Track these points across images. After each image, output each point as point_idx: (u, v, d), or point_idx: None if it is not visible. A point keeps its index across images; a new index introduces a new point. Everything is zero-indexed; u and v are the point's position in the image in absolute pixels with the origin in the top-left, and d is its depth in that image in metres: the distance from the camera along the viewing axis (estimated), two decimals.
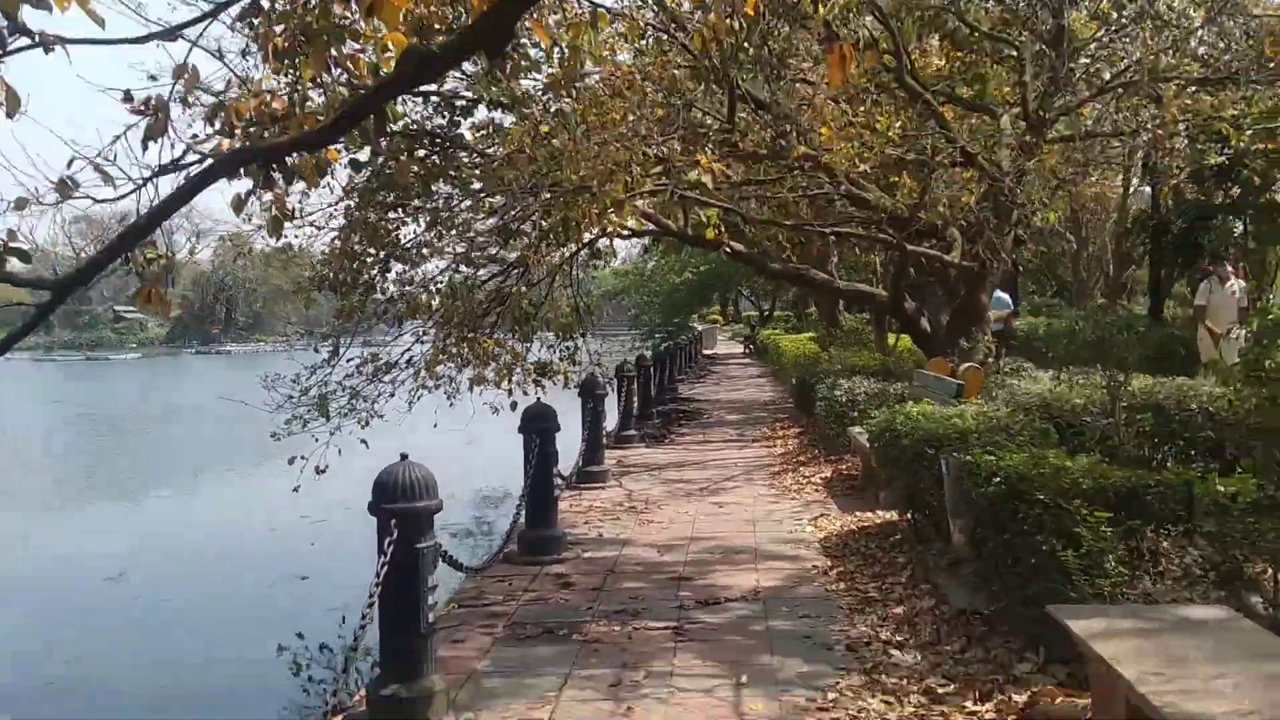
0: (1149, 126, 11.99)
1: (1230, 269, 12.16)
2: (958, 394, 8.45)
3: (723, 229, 11.92)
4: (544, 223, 10.50)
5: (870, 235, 12.19)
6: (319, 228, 11.51)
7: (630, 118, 9.99)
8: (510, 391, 11.15)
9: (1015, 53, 12.70)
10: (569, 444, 10.63)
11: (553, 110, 11.07)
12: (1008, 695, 4.03)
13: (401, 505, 4.23)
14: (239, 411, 10.11)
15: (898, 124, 10.85)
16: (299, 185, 10.84)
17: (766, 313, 46.83)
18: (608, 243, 12.84)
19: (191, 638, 8.90)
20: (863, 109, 11.22)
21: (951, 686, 4.22)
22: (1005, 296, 22.34)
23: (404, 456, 4.44)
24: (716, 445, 13.33)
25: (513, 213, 11.44)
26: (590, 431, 10.48)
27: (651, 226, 13.76)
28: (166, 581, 10.96)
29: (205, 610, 9.82)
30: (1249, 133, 13.06)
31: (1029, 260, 28.10)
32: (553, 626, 5.56)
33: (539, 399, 9.84)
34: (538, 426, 7.45)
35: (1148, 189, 18.93)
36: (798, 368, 19.83)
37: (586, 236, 11.44)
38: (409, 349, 12.24)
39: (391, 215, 11.56)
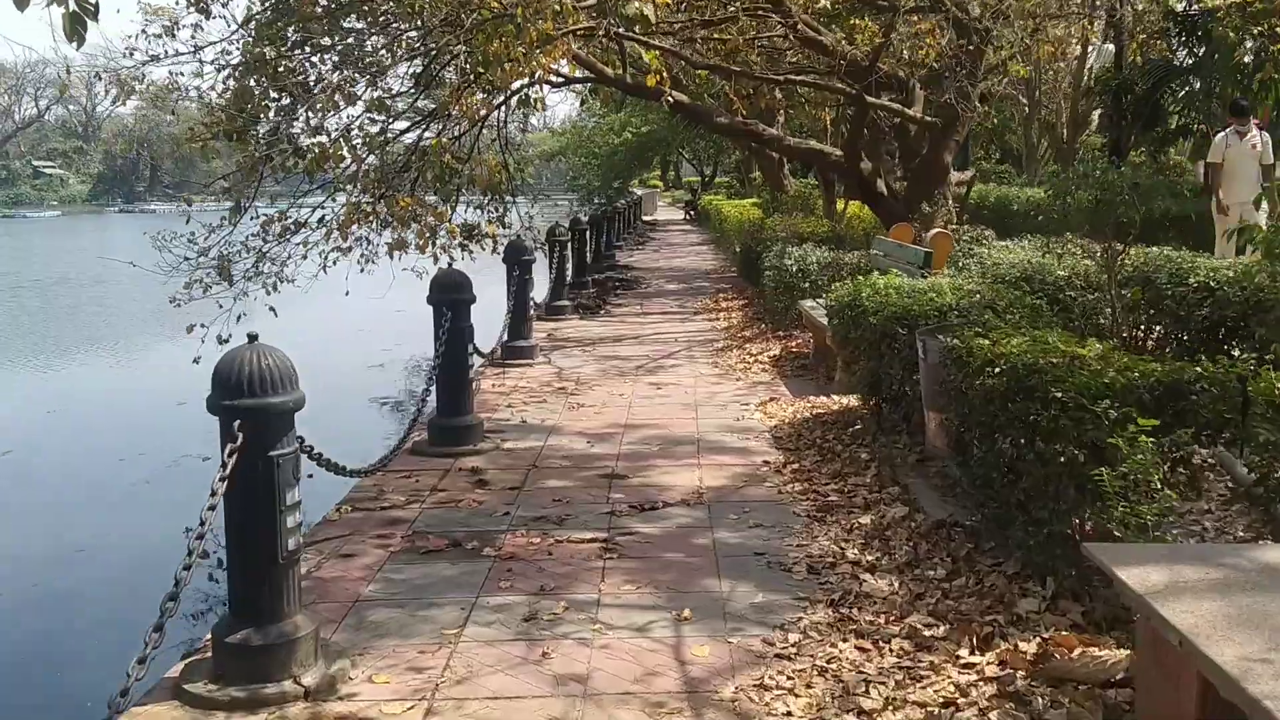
0: None
1: (1253, 121, 10.74)
2: (924, 263, 7.58)
3: (664, 76, 10.78)
4: (465, 65, 9.31)
5: (826, 85, 11.10)
6: (204, 62, 10.19)
7: None
8: (435, 257, 10.11)
9: None
10: (495, 316, 9.65)
11: None
12: (1012, 643, 3.24)
13: (248, 401, 3.26)
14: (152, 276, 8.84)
15: None
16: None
17: (708, 178, 45.53)
18: (538, 90, 11.61)
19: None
20: None
21: (941, 628, 3.43)
22: None
23: (253, 338, 3.45)
24: (656, 318, 12.42)
25: (430, 49, 10.25)
26: (516, 302, 9.48)
27: (586, 73, 12.52)
28: None
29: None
30: None
31: (978, 124, 27.21)
32: (460, 538, 4.69)
33: (458, 263, 8.85)
34: (449, 298, 6.44)
35: (1110, 46, 17.92)
36: (741, 235, 18.89)
37: (514, 83, 10.22)
38: (319, 206, 11.17)
39: (296, 53, 10.23)
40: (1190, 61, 16.21)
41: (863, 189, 12.09)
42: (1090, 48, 20.22)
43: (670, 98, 11.46)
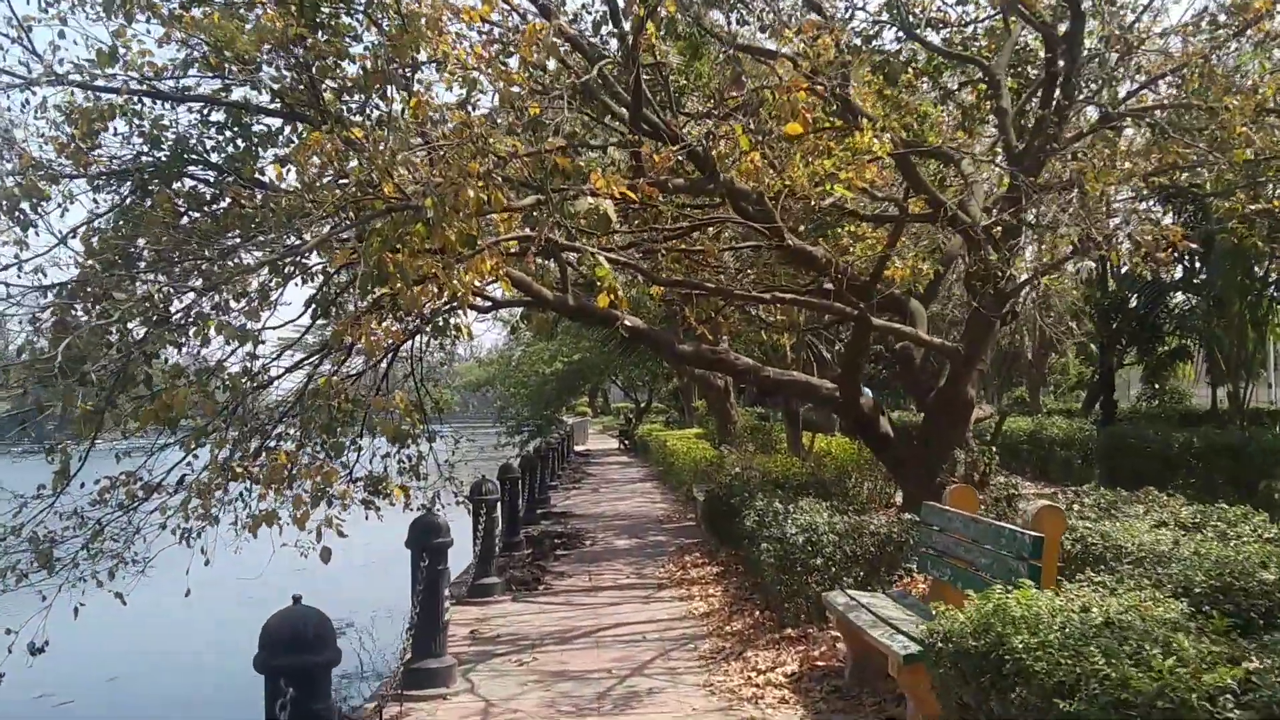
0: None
1: None
2: (1033, 553, 5.11)
3: (618, 296, 8.55)
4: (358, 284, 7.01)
5: (823, 305, 8.94)
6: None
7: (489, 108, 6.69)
8: (319, 532, 7.47)
9: (983, 76, 9.88)
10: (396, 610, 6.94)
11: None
12: None
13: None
14: None
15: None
16: None
17: (644, 404, 43.59)
18: (461, 317, 9.33)
19: None
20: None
21: None
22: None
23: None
24: (610, 595, 9.69)
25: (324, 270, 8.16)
26: (423, 608, 6.71)
27: (519, 294, 10.31)
28: None
29: None
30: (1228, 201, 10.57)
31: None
32: None
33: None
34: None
35: (1089, 263, 16.55)
36: (696, 475, 16.44)
37: (427, 305, 7.90)
38: (180, 463, 8.73)
39: (150, 276, 7.93)
40: (1182, 276, 14.84)
41: (862, 429, 9.80)
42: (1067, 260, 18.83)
43: (625, 324, 9.25)
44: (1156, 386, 16.96)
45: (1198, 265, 14.44)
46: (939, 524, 6.48)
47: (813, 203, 7.30)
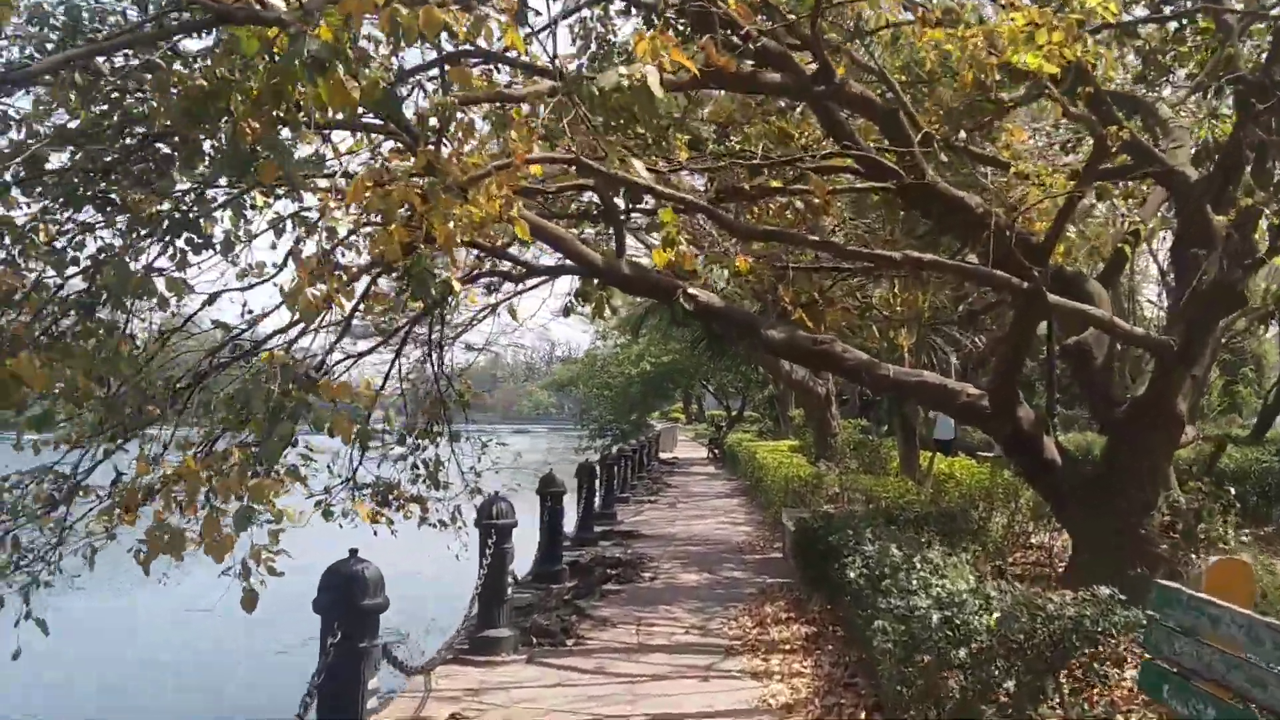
0: None
1: None
2: None
3: (681, 253, 6.09)
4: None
5: (982, 272, 6.27)
6: None
7: None
8: (246, 570, 5.45)
9: None
10: None
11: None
12: None
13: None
14: None
15: None
16: None
17: (735, 413, 40.87)
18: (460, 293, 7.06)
19: None
20: None
21: None
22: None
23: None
24: (659, 661, 7.17)
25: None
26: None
27: (561, 260, 7.91)
28: None
29: None
30: None
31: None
32: None
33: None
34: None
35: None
36: (787, 495, 13.80)
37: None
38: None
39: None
40: None
41: (1019, 449, 7.10)
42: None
43: (688, 292, 6.78)
44: None
45: None
46: (1186, 619, 3.80)
47: (987, 78, 4.66)
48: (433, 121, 5.88)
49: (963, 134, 7.60)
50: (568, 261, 7.71)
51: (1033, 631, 4.73)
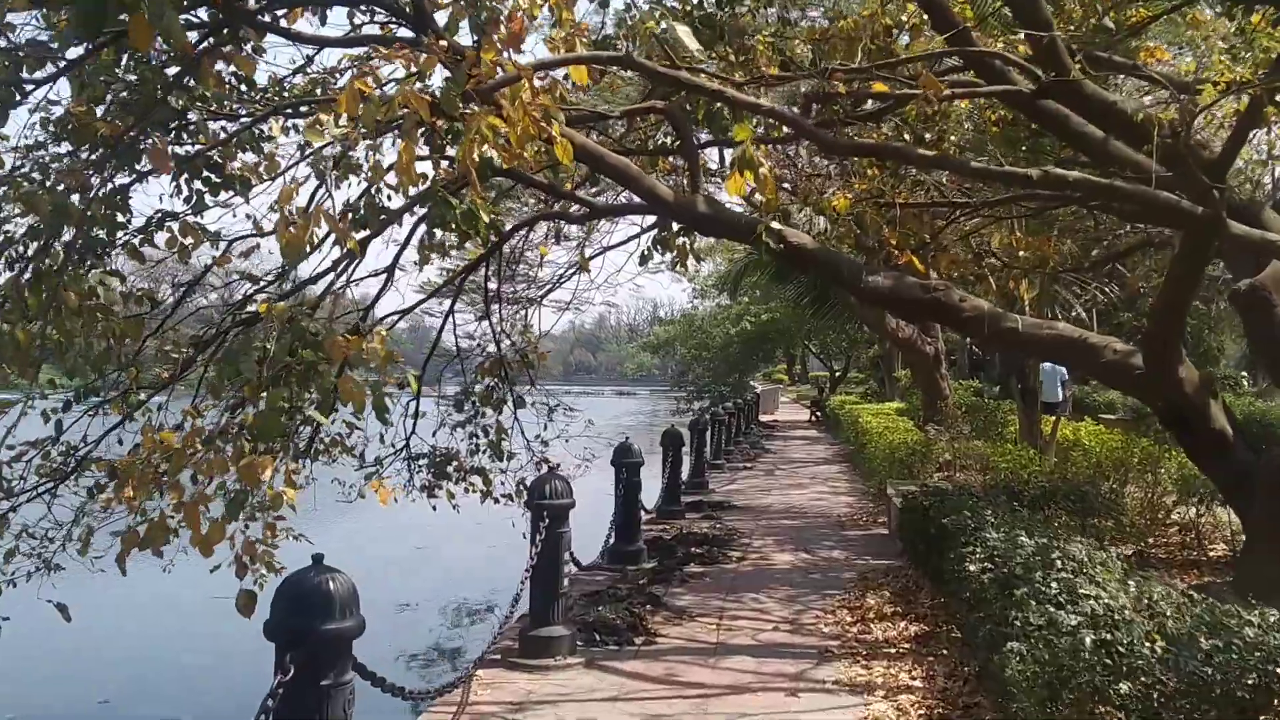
0: None
1: None
2: None
3: (761, 178, 5.00)
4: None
5: (1144, 194, 4.96)
6: None
7: None
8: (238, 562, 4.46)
9: None
10: None
11: None
12: None
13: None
14: None
15: None
16: None
17: (838, 374, 39.32)
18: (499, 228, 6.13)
19: None
20: None
21: None
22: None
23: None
24: (741, 666, 6.12)
25: None
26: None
27: (629, 197, 6.87)
28: None
29: None
30: None
31: None
32: None
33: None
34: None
35: None
36: (894, 465, 12.56)
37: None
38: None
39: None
40: None
41: (1180, 419, 5.79)
42: None
43: (773, 228, 5.65)
44: None
45: None
46: None
47: None
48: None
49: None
50: (634, 198, 6.63)
51: (1226, 663, 3.53)
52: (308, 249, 4.41)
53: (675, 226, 6.96)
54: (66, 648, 8.70)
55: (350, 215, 4.88)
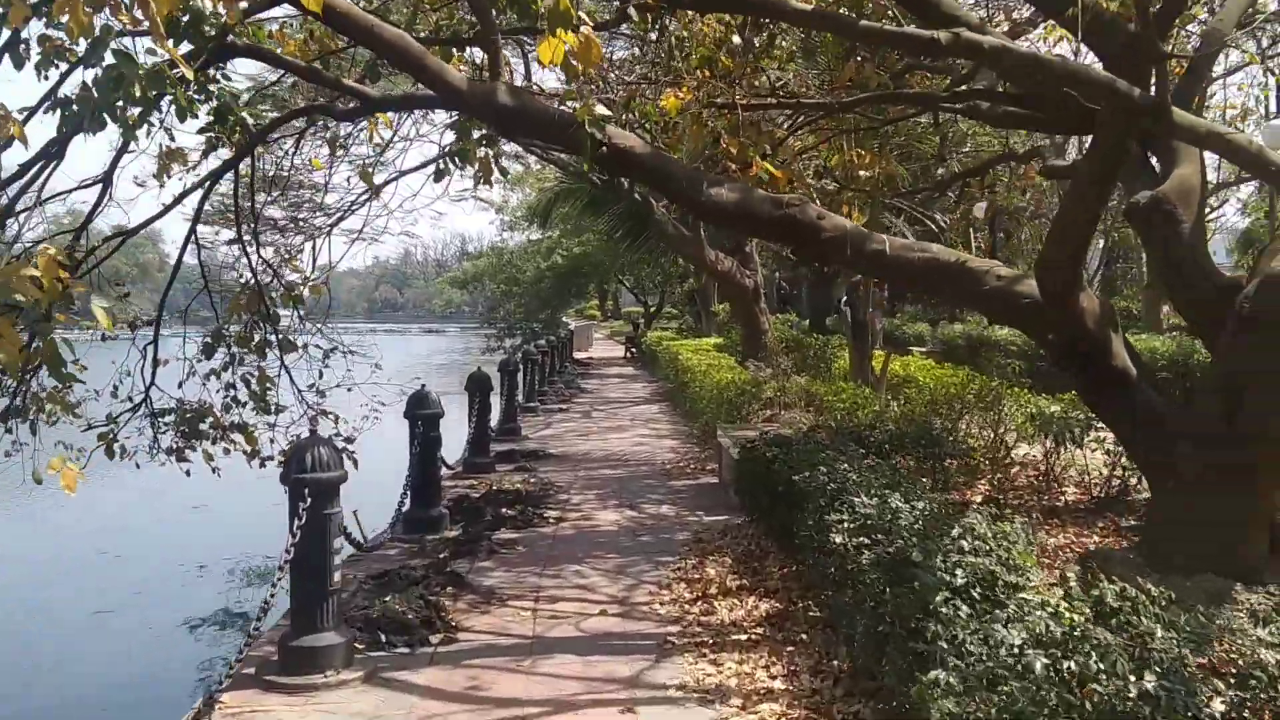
0: None
1: None
2: None
3: (588, 35, 3.72)
4: None
5: (1077, 69, 3.95)
6: None
7: None
8: None
9: None
10: None
11: None
12: None
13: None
14: None
15: None
16: None
17: (653, 309, 38.62)
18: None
19: None
20: None
21: None
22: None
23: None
24: (563, 667, 4.95)
25: None
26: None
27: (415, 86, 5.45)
28: None
29: None
30: None
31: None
32: None
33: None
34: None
35: None
36: (723, 407, 11.65)
37: None
38: None
39: None
40: None
41: (1079, 356, 4.93)
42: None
43: (598, 117, 4.37)
44: None
45: None
46: None
47: None
48: None
49: None
50: (419, 88, 5.23)
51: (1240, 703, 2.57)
52: None
53: (475, 135, 5.63)
54: None
55: None
